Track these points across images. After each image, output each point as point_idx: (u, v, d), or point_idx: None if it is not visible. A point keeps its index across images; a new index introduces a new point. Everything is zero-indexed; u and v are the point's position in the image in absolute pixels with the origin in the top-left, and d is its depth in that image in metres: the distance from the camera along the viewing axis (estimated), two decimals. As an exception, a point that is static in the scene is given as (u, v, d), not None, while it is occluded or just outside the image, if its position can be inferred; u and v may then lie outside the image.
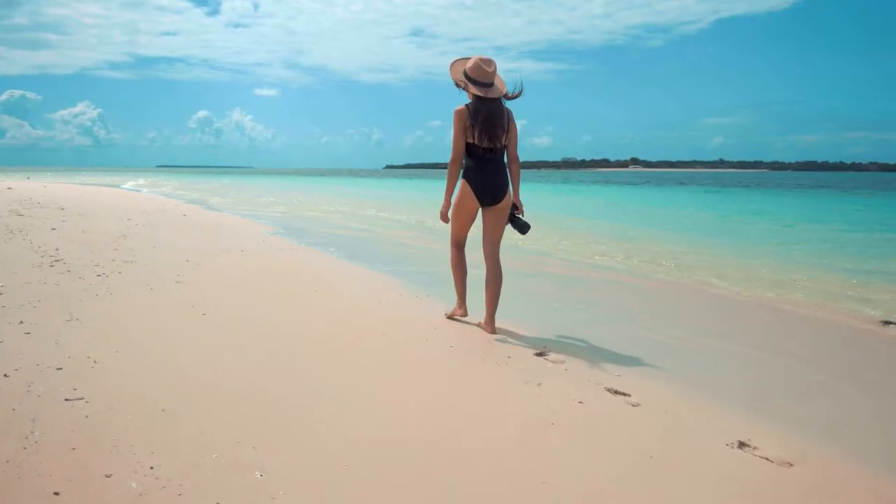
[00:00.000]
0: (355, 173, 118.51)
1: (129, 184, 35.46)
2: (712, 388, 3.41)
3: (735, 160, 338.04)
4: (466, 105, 4.17)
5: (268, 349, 3.61)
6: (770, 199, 28.85)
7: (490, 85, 4.15)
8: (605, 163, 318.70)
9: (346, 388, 3.05)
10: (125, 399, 2.69)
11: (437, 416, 2.78)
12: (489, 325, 4.26)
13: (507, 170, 4.28)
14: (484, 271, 4.37)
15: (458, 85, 4.21)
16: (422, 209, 16.36)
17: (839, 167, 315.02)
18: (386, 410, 2.80)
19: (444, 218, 4.38)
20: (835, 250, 9.76)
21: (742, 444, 2.71)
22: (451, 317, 4.54)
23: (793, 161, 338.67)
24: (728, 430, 2.82)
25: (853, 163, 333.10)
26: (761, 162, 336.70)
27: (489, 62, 4.13)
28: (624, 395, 3.24)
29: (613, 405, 3.06)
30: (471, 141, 4.14)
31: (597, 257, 8.45)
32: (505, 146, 4.22)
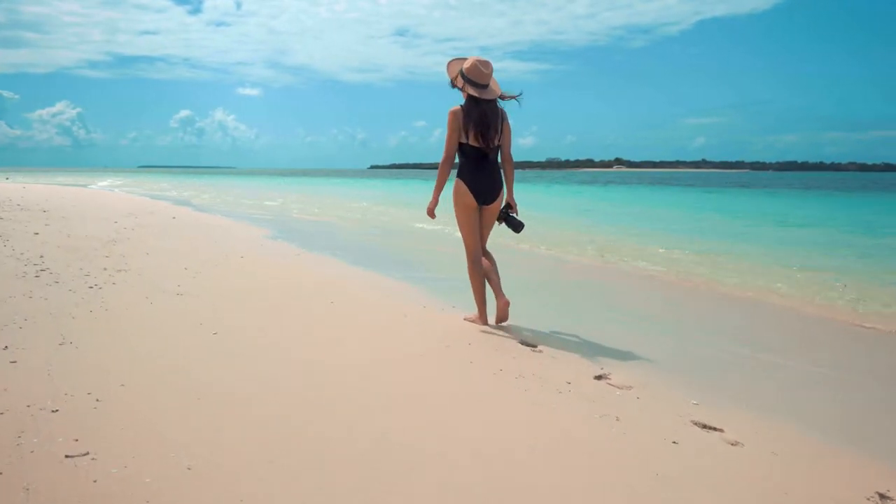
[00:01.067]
0: (341, 173, 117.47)
1: (102, 183, 34.59)
2: (813, 420, 2.98)
3: (717, 160, 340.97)
4: (461, 105, 4.21)
5: (296, 381, 3.12)
6: (779, 200, 28.54)
7: (486, 86, 4.19)
8: (589, 163, 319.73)
9: (391, 427, 2.57)
10: (140, 453, 2.19)
11: (528, 466, 2.31)
12: (501, 298, 4.29)
13: (501, 170, 4.35)
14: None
15: (453, 84, 4.26)
16: (419, 209, 15.86)
17: (819, 167, 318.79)
18: (457, 459, 2.32)
19: (431, 213, 4.43)
20: (872, 254, 9.40)
21: (883, 497, 2.28)
22: (470, 321, 4.52)
23: (773, 161, 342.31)
24: (860, 478, 2.38)
25: (833, 163, 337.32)
26: (743, 162, 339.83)
27: (486, 64, 4.17)
28: (715, 429, 2.80)
29: (708, 444, 2.61)
30: (465, 141, 4.20)
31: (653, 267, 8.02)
32: (499, 147, 4.27)
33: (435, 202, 4.39)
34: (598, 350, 3.95)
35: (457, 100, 4.29)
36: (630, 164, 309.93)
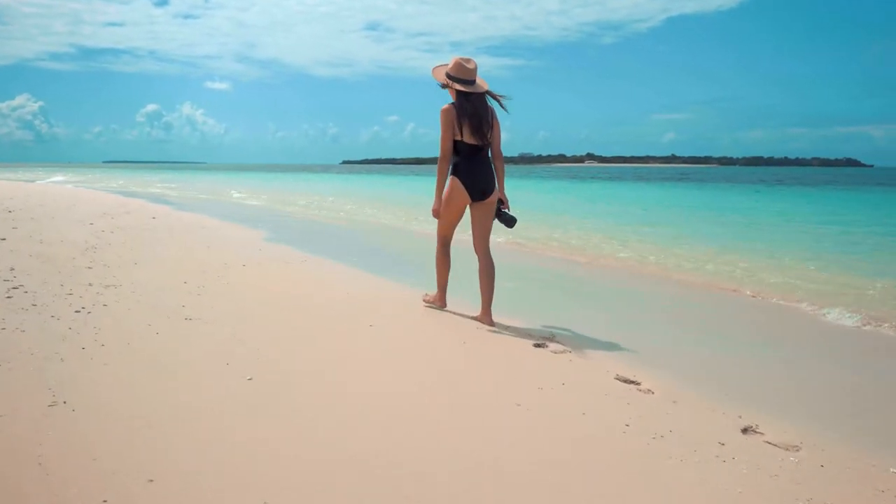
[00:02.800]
0: (313, 169, 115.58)
1: (56, 178, 32.97)
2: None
3: (686, 155, 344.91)
4: (452, 103, 4.29)
5: (371, 450, 2.28)
6: (776, 196, 28.29)
7: (472, 82, 4.27)
8: (561, 158, 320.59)
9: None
10: None
11: None
12: (486, 316, 4.35)
13: (493, 165, 4.42)
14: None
15: (443, 85, 4.34)
16: (411, 206, 15.02)
17: (784, 162, 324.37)
18: None
19: (437, 214, 4.48)
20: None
21: None
22: (428, 303, 4.76)
23: (741, 157, 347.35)
24: None
25: (797, 158, 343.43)
26: (711, 157, 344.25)
27: (469, 60, 4.28)
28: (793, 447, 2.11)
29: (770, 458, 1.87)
30: (458, 138, 4.26)
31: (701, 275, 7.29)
32: (490, 142, 4.35)
33: (438, 203, 4.42)
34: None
35: (442, 99, 4.38)
36: (601, 160, 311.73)
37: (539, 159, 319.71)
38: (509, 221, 4.46)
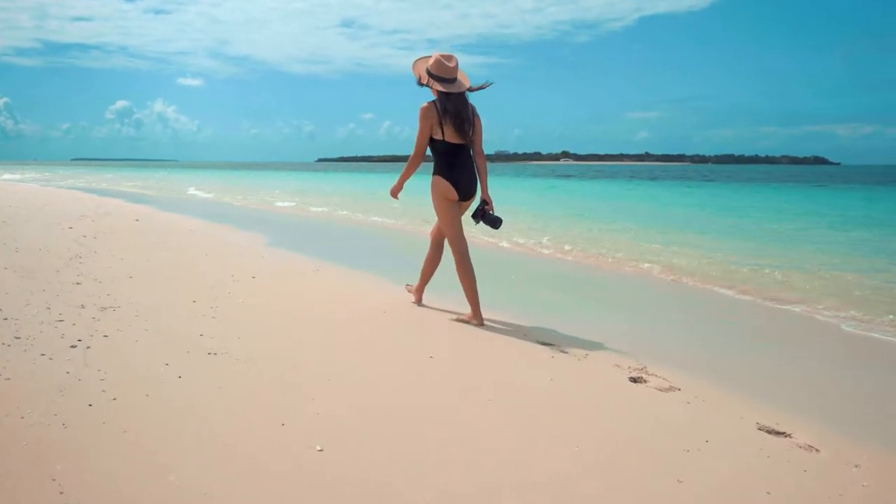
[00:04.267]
0: (291, 167, 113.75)
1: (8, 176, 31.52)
2: None
3: (660, 153, 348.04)
4: (433, 102, 4.17)
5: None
6: (778, 194, 28.08)
7: (453, 80, 4.16)
8: (537, 156, 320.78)
9: None
10: None
11: None
12: (476, 316, 4.25)
13: (474, 164, 4.30)
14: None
15: (420, 83, 4.21)
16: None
17: (755, 160, 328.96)
18: None
19: (394, 194, 4.54)
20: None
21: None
22: (412, 292, 4.82)
23: (712, 154, 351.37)
24: None
25: (767, 156, 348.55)
26: (684, 155, 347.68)
27: (450, 57, 4.16)
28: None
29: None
30: (439, 137, 4.16)
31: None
32: (472, 141, 4.23)
33: (399, 187, 4.49)
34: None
35: (418, 95, 4.27)
36: (577, 157, 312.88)
37: (515, 157, 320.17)
38: (494, 222, 4.27)
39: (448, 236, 4.34)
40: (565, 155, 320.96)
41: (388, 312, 4.58)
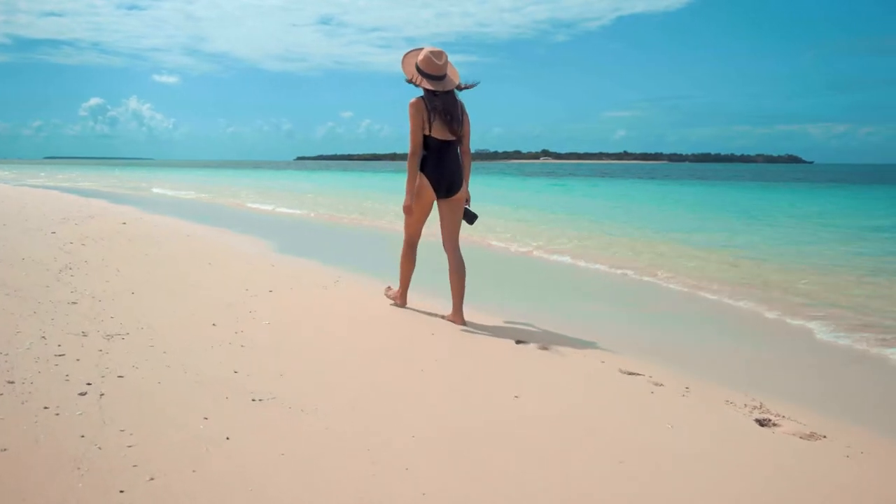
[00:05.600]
0: (271, 165, 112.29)
1: None
2: None
3: (638, 152, 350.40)
4: (421, 97, 4.15)
5: None
6: (790, 195, 27.86)
7: (442, 77, 4.14)
8: (517, 154, 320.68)
9: None
10: None
11: None
12: (458, 316, 4.20)
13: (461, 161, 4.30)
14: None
15: (408, 80, 4.17)
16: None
17: (730, 159, 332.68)
18: None
19: (408, 211, 4.34)
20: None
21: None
22: (391, 298, 4.68)
23: (689, 153, 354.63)
24: None
25: (743, 154, 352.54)
26: (661, 154, 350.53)
27: (439, 54, 4.13)
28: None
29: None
30: (427, 133, 4.14)
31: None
32: (461, 137, 4.24)
33: (410, 199, 4.28)
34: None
35: (401, 90, 4.28)
36: (556, 156, 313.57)
37: (495, 156, 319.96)
38: (471, 218, 4.38)
39: (405, 226, 4.46)
40: (545, 154, 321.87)
41: (436, 335, 3.98)
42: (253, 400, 2.65)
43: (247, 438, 2.27)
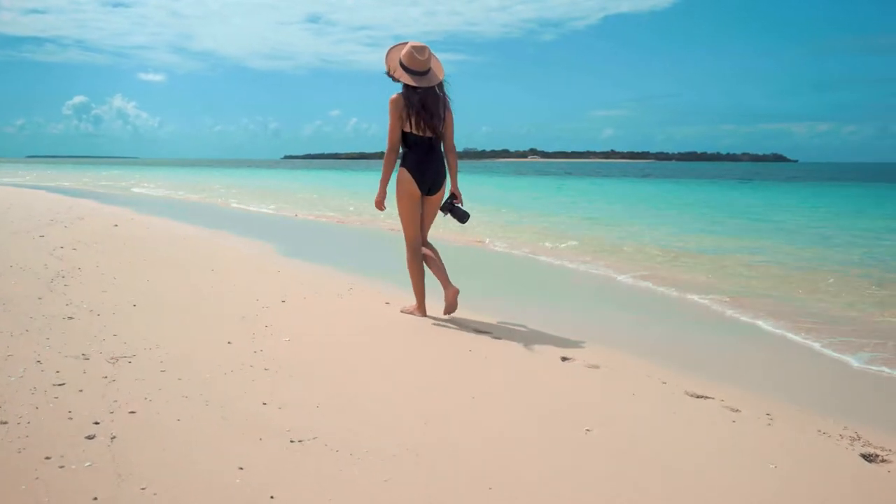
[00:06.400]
0: (258, 164, 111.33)
1: None
2: None
3: (625, 151, 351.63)
4: (401, 93, 4.09)
5: None
6: (788, 193, 27.71)
7: (425, 73, 4.07)
8: (505, 153, 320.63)
9: None
10: None
11: None
12: (452, 288, 4.20)
13: (445, 159, 4.28)
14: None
15: (387, 73, 4.08)
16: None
17: (717, 157, 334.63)
18: None
19: (380, 206, 4.32)
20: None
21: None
22: (407, 313, 4.43)
23: (676, 152, 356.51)
24: None
25: (728, 153, 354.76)
26: (648, 153, 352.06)
27: (422, 49, 4.04)
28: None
29: None
30: (407, 130, 4.09)
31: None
32: (442, 134, 4.19)
33: (382, 194, 4.28)
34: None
35: (387, 87, 4.18)
36: (544, 155, 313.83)
37: (483, 154, 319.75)
38: (462, 217, 4.31)
39: (405, 232, 4.34)
40: (533, 152, 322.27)
41: (474, 351, 3.61)
42: (292, 441, 2.25)
43: (294, 496, 1.88)
